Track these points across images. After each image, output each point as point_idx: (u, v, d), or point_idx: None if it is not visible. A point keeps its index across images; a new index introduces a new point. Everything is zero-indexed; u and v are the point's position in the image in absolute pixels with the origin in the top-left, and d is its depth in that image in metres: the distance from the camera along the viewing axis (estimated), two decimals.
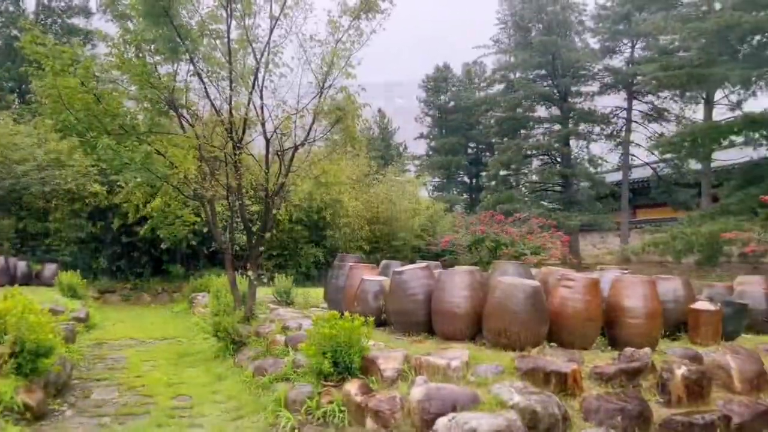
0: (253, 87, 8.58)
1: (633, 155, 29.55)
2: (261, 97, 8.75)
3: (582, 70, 28.90)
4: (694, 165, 26.33)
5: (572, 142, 28.95)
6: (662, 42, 25.51)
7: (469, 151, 39.49)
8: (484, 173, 38.07)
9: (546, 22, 27.71)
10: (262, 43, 8.68)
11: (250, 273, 8.80)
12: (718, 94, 24.21)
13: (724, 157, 22.30)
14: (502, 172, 29.28)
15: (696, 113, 28.98)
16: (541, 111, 30.71)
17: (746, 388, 5.47)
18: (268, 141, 8.89)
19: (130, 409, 5.77)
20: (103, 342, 9.59)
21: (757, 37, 14.65)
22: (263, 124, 8.81)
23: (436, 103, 39.36)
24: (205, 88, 8.75)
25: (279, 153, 8.93)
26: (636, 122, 29.84)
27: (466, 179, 40.75)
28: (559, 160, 28.79)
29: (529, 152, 28.37)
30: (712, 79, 13.51)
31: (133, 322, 12.17)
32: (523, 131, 30.34)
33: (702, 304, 6.43)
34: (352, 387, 5.06)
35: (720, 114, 24.57)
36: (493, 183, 31.39)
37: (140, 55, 8.36)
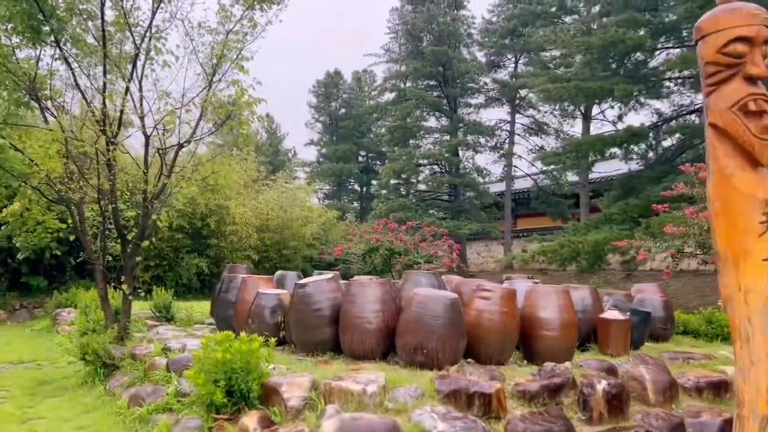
0: (132, 76, 7.57)
1: (515, 167, 30.71)
2: (140, 88, 7.75)
3: (470, 83, 29.59)
4: (571, 177, 27.79)
5: (460, 153, 29.50)
6: (544, 58, 26.73)
7: (360, 159, 39.32)
8: (375, 181, 38.01)
9: (437, 32, 28.05)
10: (142, 27, 7.71)
11: (124, 286, 7.74)
12: (595, 110, 25.74)
13: (598, 170, 23.60)
14: (393, 181, 29.24)
15: (573, 127, 30.71)
16: (432, 121, 31.13)
17: (659, 400, 5.36)
18: (147, 137, 7.89)
19: None
20: None
21: (637, 54, 15.55)
22: (142, 118, 7.81)
23: (327, 110, 38.85)
24: (74, 75, 7.64)
25: (160, 151, 7.95)
26: (518, 135, 31.03)
27: (357, 187, 40.51)
28: (448, 169, 29.25)
29: (420, 161, 28.55)
30: (598, 92, 14.06)
31: None
32: (414, 141, 30.54)
33: (611, 314, 6.33)
34: (250, 420, 4.33)
35: (596, 128, 26.14)
36: (385, 191, 31.30)
37: None
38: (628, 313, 6.42)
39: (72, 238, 8.73)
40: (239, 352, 4.54)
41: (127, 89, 7.55)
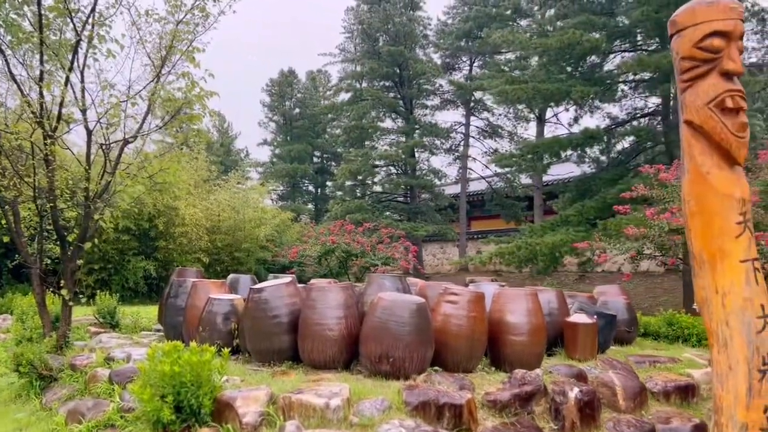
0: (72, 65, 7.03)
1: (470, 169, 30.78)
2: (82, 79, 7.22)
3: (426, 84, 29.51)
4: (524, 180, 28.08)
5: (416, 154, 29.37)
6: (499, 61, 26.93)
7: (315, 159, 38.74)
8: (330, 183, 37.53)
9: (393, 32, 27.80)
10: (84, 13, 7.18)
11: (64, 291, 7.19)
12: (549, 113, 26.06)
13: (551, 173, 23.88)
14: (349, 182, 28.87)
15: (527, 130, 31.07)
16: (388, 122, 30.90)
17: (630, 406, 5.22)
18: (90, 132, 7.36)
19: None
20: None
21: (592, 57, 15.70)
22: (84, 111, 7.27)
23: (281, 109, 38.15)
24: (8, 63, 7.04)
25: (104, 147, 7.43)
26: (473, 137, 31.14)
27: (311, 188, 39.91)
28: (404, 171, 29.08)
29: (376, 162, 28.26)
30: (555, 94, 14.10)
31: None
32: (369, 142, 30.24)
33: (578, 317, 6.17)
34: None
35: (550, 131, 26.46)
36: (340, 193, 30.91)
37: None
38: (595, 316, 6.29)
39: (6, 239, 8.13)
40: (189, 364, 4.15)
41: (67, 79, 7.02)
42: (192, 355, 4.19)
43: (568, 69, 15.80)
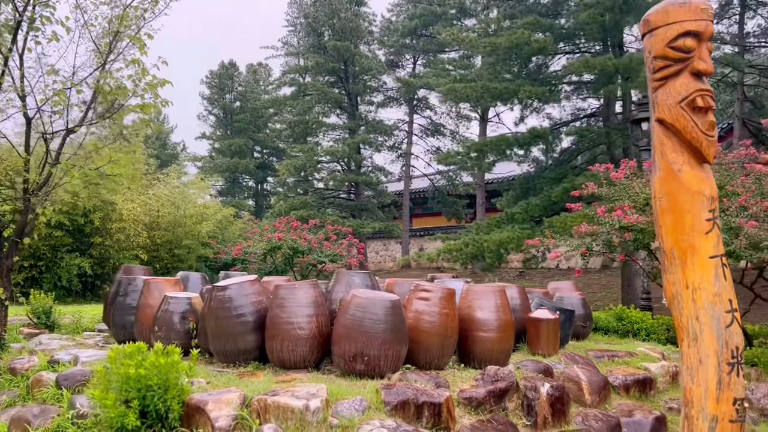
0: (12, 48, 6.56)
1: (413, 166, 30.95)
2: (21, 64, 6.75)
3: (371, 81, 29.38)
4: (466, 178, 28.48)
5: (362, 151, 29.24)
6: (442, 60, 27.20)
7: (256, 154, 37.94)
8: (271, 178, 36.86)
9: (338, 27, 27.50)
10: None
11: None
12: (491, 112, 26.53)
13: (493, 172, 24.30)
14: (293, 178, 28.35)
15: (469, 129, 31.55)
16: (333, 118, 30.61)
17: (595, 400, 5.31)
18: (29, 120, 6.89)
19: None
20: None
21: (538, 58, 16.02)
22: (23, 98, 6.79)
23: (221, 102, 37.14)
24: None
25: (45, 136, 6.97)
26: (416, 135, 31.32)
27: (252, 184, 39.07)
28: (348, 167, 28.87)
29: (321, 158, 27.91)
30: (503, 93, 14.29)
31: None
32: (314, 137, 29.83)
33: (541, 313, 6.24)
34: None
35: (492, 131, 26.92)
36: (282, 189, 30.39)
37: None
38: (557, 312, 6.38)
39: None
40: (155, 367, 3.91)
41: (6, 62, 6.53)
42: (158, 356, 3.95)
43: (515, 69, 16.05)
